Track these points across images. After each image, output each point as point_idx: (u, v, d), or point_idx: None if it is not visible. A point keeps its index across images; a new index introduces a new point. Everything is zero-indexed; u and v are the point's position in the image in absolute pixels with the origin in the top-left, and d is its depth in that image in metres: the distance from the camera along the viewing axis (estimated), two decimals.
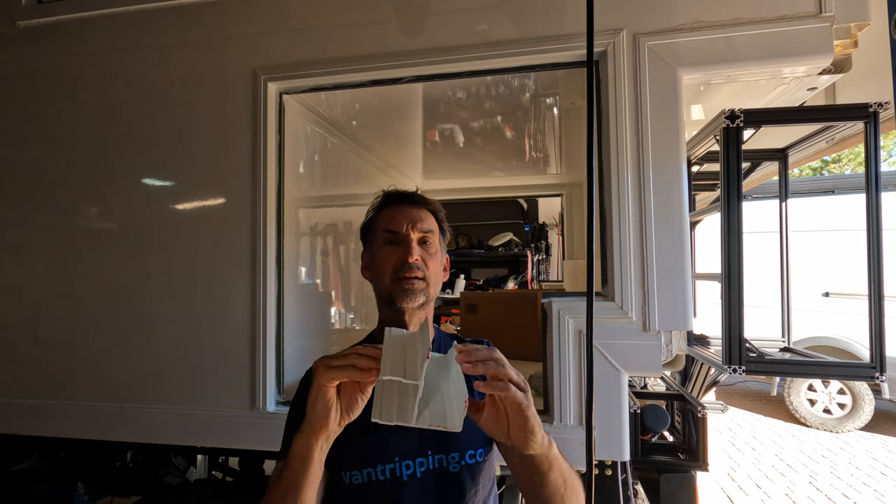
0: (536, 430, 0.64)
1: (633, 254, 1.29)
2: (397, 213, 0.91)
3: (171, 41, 1.62)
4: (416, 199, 0.94)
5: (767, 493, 3.69)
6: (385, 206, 0.95)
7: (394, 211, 0.92)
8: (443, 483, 0.83)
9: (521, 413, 0.62)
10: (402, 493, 0.81)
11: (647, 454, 1.62)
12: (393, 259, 0.88)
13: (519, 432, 0.64)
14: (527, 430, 0.63)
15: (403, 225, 0.89)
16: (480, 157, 2.74)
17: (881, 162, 1.38)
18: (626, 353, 1.29)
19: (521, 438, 0.64)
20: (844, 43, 1.28)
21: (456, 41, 1.42)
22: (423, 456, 0.83)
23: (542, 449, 0.66)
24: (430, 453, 0.83)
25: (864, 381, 3.61)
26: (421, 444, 0.83)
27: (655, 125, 1.30)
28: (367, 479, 0.82)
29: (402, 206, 0.93)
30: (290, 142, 1.63)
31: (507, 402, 0.63)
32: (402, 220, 0.90)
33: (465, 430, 0.81)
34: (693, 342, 1.86)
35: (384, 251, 0.90)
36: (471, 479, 0.83)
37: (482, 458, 0.85)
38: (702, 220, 2.44)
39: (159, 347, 1.59)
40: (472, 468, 0.84)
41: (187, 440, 1.57)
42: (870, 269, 1.35)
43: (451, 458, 0.83)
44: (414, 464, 0.82)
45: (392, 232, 0.90)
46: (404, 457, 0.82)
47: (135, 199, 1.65)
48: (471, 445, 0.84)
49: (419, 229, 0.90)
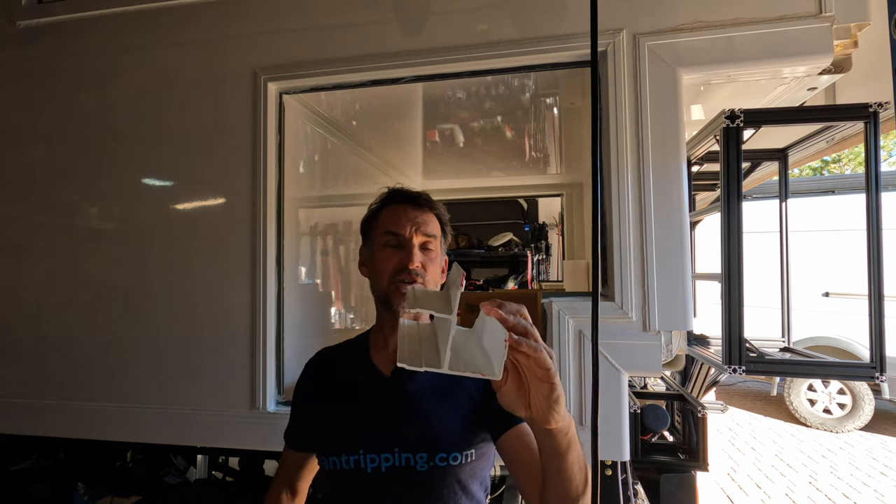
0: (561, 399, 0.57)
1: (633, 254, 1.29)
2: (401, 215, 0.89)
3: (171, 41, 1.62)
4: (422, 201, 0.92)
5: (767, 493, 3.69)
6: (389, 205, 0.93)
7: (398, 212, 0.90)
8: (408, 481, 0.81)
9: (548, 380, 0.55)
10: (365, 485, 0.82)
11: (647, 454, 1.62)
12: (393, 262, 0.87)
13: (542, 402, 0.57)
14: (552, 400, 0.56)
15: (407, 228, 0.88)
16: (480, 157, 2.75)
17: (881, 162, 1.38)
18: (626, 353, 1.29)
19: (544, 409, 0.57)
20: (844, 43, 1.28)
21: (456, 41, 1.42)
22: (390, 452, 0.82)
23: (563, 422, 0.59)
24: (396, 451, 0.82)
25: (864, 381, 3.62)
26: (389, 439, 0.83)
27: (655, 125, 1.30)
28: (332, 466, 0.85)
29: (406, 208, 0.90)
30: (290, 142, 1.63)
31: (532, 366, 0.56)
32: (406, 222, 0.88)
33: (443, 431, 0.82)
34: (693, 342, 1.86)
35: (384, 252, 0.88)
36: (442, 480, 0.81)
37: (458, 462, 0.82)
38: (702, 220, 2.44)
39: (159, 347, 1.59)
40: (443, 470, 0.81)
41: (187, 440, 1.57)
42: (870, 269, 1.35)
43: (420, 458, 0.81)
44: (379, 458, 0.82)
45: (394, 234, 0.88)
46: (369, 450, 0.83)
47: (135, 198, 1.64)
48: (444, 448, 0.81)
49: (422, 233, 0.88)
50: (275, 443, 1.49)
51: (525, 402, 0.58)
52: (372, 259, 0.92)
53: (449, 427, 0.83)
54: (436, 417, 0.84)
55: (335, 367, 0.97)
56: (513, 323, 0.54)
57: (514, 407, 0.59)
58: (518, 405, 0.59)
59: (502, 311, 0.54)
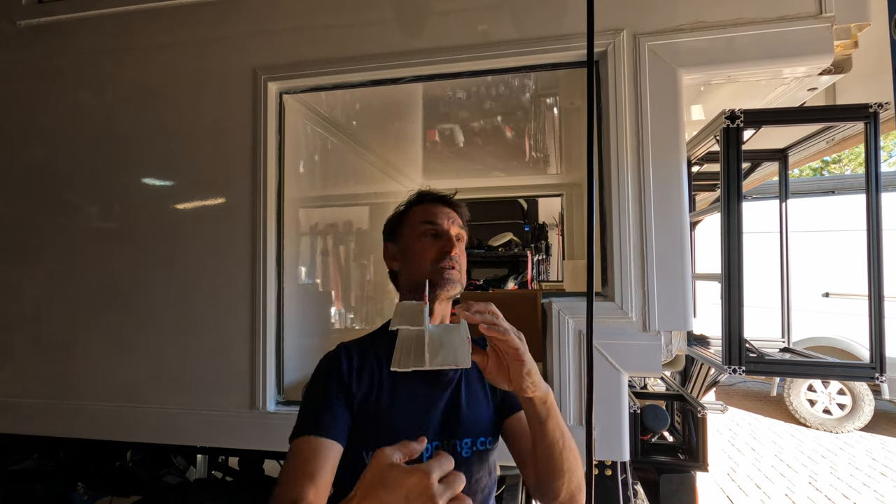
0: (533, 372, 0.73)
1: (633, 254, 1.29)
2: (437, 209, 0.99)
3: (172, 41, 1.62)
4: (452, 201, 1.03)
5: (767, 494, 3.69)
6: (421, 202, 1.02)
7: (433, 207, 0.99)
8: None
9: (519, 357, 0.71)
10: None
11: (647, 454, 1.62)
12: (434, 249, 0.94)
13: (518, 375, 0.72)
14: (524, 373, 0.72)
15: (444, 220, 0.97)
16: (480, 157, 2.74)
17: (881, 162, 1.38)
18: (626, 353, 1.29)
19: (520, 381, 0.72)
20: (844, 43, 1.28)
21: (456, 41, 1.42)
22: (438, 439, 0.88)
23: (539, 391, 0.74)
24: (446, 438, 0.88)
25: (864, 381, 3.62)
26: (438, 429, 0.89)
27: (655, 125, 1.30)
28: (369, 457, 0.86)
29: (438, 204, 1.01)
30: (290, 142, 1.63)
31: (505, 347, 0.72)
32: (443, 216, 0.98)
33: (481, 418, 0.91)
34: (693, 342, 1.86)
35: (424, 242, 0.95)
36: (479, 464, 0.90)
37: (491, 446, 0.93)
38: (702, 220, 2.44)
39: (159, 347, 1.59)
40: (481, 455, 0.90)
41: (187, 440, 1.57)
42: (870, 270, 1.35)
43: (465, 444, 0.89)
44: (431, 447, 0.87)
45: (433, 224, 0.96)
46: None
47: (135, 198, 1.64)
48: (481, 433, 0.91)
49: (457, 226, 0.98)
50: (275, 443, 1.49)
51: (506, 377, 0.74)
52: (409, 250, 0.97)
53: (483, 414, 0.93)
54: (472, 405, 0.92)
55: (367, 359, 0.94)
56: (479, 319, 0.69)
57: (498, 381, 0.75)
58: (500, 380, 0.75)
59: (468, 311, 0.69)
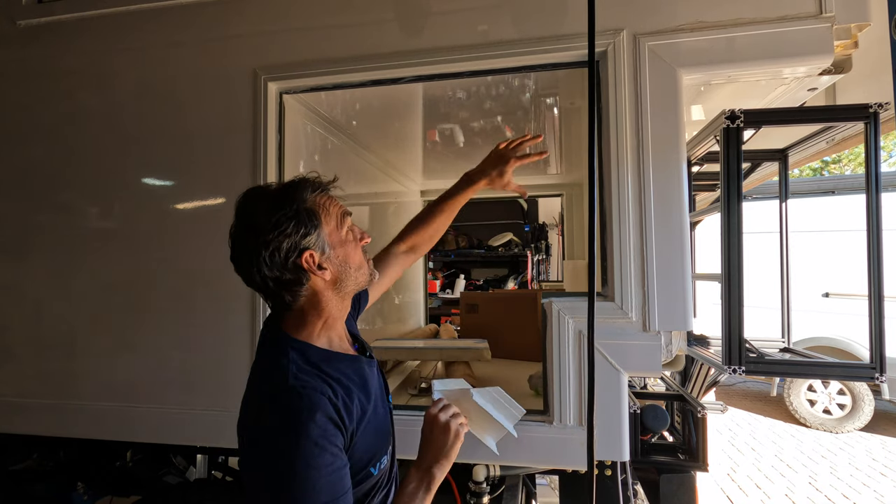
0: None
1: (633, 254, 1.29)
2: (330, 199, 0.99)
3: (172, 41, 1.62)
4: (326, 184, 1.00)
5: (767, 494, 3.69)
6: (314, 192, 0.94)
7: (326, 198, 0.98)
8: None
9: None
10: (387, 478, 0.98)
11: (647, 454, 1.62)
12: (361, 249, 0.98)
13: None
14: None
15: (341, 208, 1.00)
16: (481, 157, 2.72)
17: (881, 162, 1.38)
18: (626, 353, 1.29)
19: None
20: (845, 43, 1.28)
21: (456, 41, 1.42)
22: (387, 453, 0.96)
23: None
24: (389, 450, 0.96)
25: (864, 381, 3.61)
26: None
27: (655, 125, 1.30)
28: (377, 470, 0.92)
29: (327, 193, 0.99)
30: (290, 142, 1.62)
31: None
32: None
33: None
34: (693, 342, 1.86)
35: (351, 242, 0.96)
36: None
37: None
38: (702, 220, 2.43)
39: (159, 347, 1.59)
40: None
41: (187, 440, 1.57)
42: (870, 270, 1.35)
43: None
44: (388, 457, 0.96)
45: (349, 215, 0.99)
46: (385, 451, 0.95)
47: (135, 198, 1.64)
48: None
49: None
50: None
51: None
52: (342, 254, 0.96)
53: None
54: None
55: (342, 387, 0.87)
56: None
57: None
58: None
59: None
